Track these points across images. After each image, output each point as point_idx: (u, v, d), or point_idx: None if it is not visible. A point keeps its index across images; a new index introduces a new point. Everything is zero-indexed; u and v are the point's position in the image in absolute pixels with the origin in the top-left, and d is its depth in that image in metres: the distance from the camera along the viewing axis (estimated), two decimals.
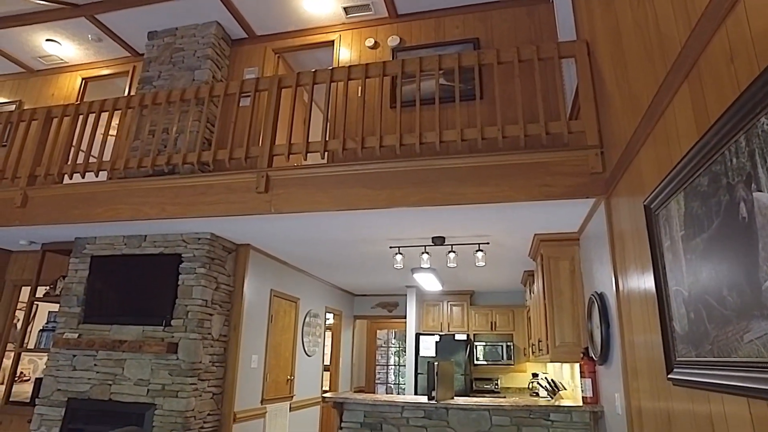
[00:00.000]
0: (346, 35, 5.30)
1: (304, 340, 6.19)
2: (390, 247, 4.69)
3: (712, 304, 1.51)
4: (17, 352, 5.00)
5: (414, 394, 6.94)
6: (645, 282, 2.28)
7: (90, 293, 4.55)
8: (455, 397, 4.18)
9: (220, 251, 4.52)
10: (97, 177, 4.42)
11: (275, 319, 5.37)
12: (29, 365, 6.43)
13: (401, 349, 10.28)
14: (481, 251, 4.43)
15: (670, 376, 1.89)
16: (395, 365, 10.30)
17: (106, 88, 6.21)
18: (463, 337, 7.18)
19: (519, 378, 7.43)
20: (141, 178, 4.15)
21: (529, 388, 7.02)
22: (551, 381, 5.20)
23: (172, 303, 4.26)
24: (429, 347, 7.19)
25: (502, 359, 7.24)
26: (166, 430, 3.94)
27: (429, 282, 6.07)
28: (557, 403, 3.94)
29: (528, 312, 6.44)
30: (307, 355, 6.29)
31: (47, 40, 5.71)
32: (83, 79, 6.19)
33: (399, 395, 5.34)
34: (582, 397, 3.75)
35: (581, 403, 3.74)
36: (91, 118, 4.45)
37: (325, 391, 6.92)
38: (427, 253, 4.51)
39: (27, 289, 5.38)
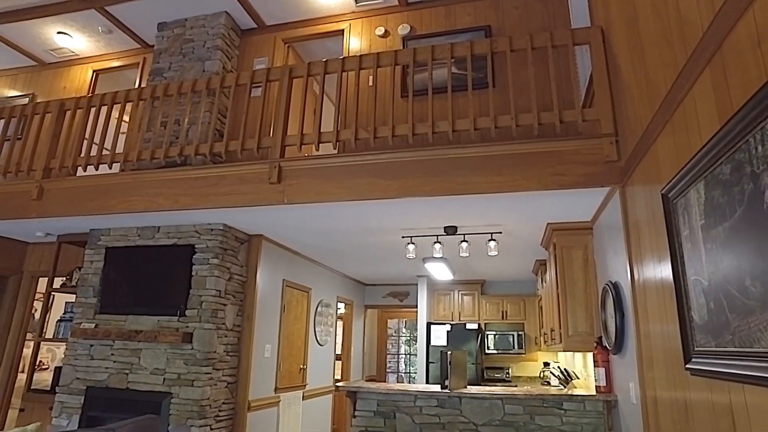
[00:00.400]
0: (356, 24, 5.26)
1: (316, 329, 6.23)
2: (402, 237, 4.69)
3: (733, 293, 1.49)
4: (36, 341, 5.09)
5: (425, 383, 6.98)
6: (662, 271, 2.27)
7: (105, 284, 4.61)
8: (468, 386, 4.20)
9: (232, 242, 4.55)
10: (111, 169, 4.45)
11: (288, 309, 5.41)
12: (47, 354, 6.55)
13: (412, 339, 10.32)
14: (494, 240, 4.42)
15: (688, 365, 1.88)
16: (406, 354, 10.35)
17: (116, 80, 6.23)
18: (475, 327, 7.19)
19: (530, 367, 7.44)
20: (154, 169, 4.17)
21: (541, 377, 7.03)
22: (564, 370, 5.20)
23: (186, 293, 4.30)
24: (440, 336, 7.21)
25: (513, 348, 7.24)
26: (182, 418, 4.00)
27: (440, 271, 6.07)
28: (570, 392, 3.94)
29: (539, 301, 6.42)
30: (319, 345, 6.34)
31: (58, 32, 5.73)
32: (94, 72, 6.22)
33: (412, 384, 5.37)
34: (595, 387, 3.75)
35: (594, 393, 3.74)
36: (104, 110, 4.47)
37: (337, 380, 6.99)
38: (440, 243, 4.51)
39: (44, 280, 5.47)
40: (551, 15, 4.68)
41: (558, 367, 5.58)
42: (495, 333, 7.34)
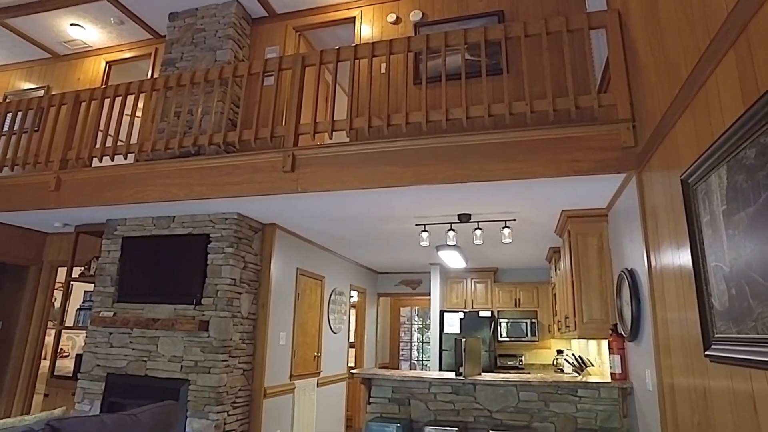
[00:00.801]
0: (367, 11, 5.21)
1: (329, 317, 6.28)
2: (415, 225, 4.69)
3: (757, 280, 1.47)
4: (58, 329, 5.20)
5: (439, 370, 7.01)
6: (680, 258, 2.24)
7: (122, 273, 4.68)
8: (482, 374, 4.21)
9: (246, 231, 4.59)
10: (126, 160, 4.50)
11: (302, 297, 5.45)
12: (68, 342, 6.69)
13: (424, 326, 10.36)
14: (508, 228, 4.40)
15: (707, 352, 1.87)
16: (418, 342, 10.40)
17: (129, 71, 6.26)
18: (488, 314, 7.20)
19: (543, 354, 7.44)
20: (168, 159, 4.20)
21: (554, 364, 7.03)
22: (578, 357, 5.19)
23: (201, 282, 4.35)
24: (453, 324, 7.23)
25: (526, 336, 7.24)
26: (200, 404, 4.08)
27: (453, 259, 6.07)
28: (585, 379, 3.94)
29: (553, 289, 6.40)
30: (333, 333, 6.39)
31: (71, 24, 5.76)
32: (107, 63, 6.26)
33: (426, 371, 5.40)
34: (610, 374, 3.74)
35: (609, 380, 3.73)
36: (118, 101, 4.50)
37: (351, 368, 7.05)
38: (453, 231, 4.50)
39: (63, 270, 5.57)
40: None
41: (572, 355, 5.57)
42: (508, 321, 7.33)
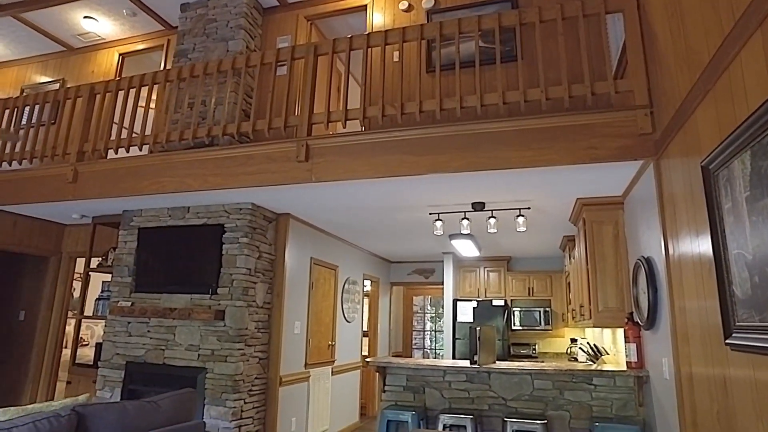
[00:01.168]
0: None
1: (343, 306, 6.32)
2: (429, 214, 4.68)
3: None
4: (78, 319, 5.30)
5: (452, 359, 7.04)
6: (700, 245, 2.21)
7: (139, 264, 4.74)
8: (496, 362, 4.22)
9: (261, 221, 4.61)
10: (141, 151, 4.53)
11: (316, 287, 5.49)
12: (87, 331, 6.82)
13: (436, 315, 10.39)
14: (522, 216, 4.37)
15: (728, 341, 1.85)
16: (431, 331, 10.44)
17: (142, 63, 6.29)
18: (501, 303, 7.19)
19: (557, 343, 7.42)
20: (183, 150, 4.23)
21: (568, 353, 7.02)
22: (593, 346, 5.17)
23: (217, 272, 4.40)
24: (466, 313, 7.23)
25: (539, 325, 7.23)
26: (217, 392, 4.14)
27: (466, 248, 6.06)
28: (600, 368, 3.93)
29: (567, 277, 6.37)
30: (347, 321, 6.44)
31: (85, 17, 5.79)
32: (120, 55, 6.29)
33: (441, 360, 5.43)
34: (626, 362, 3.72)
35: (625, 368, 3.72)
36: (132, 93, 4.53)
37: (365, 356, 7.10)
38: (467, 219, 4.48)
39: (81, 261, 5.67)
40: None
41: (587, 343, 5.55)
42: (521, 309, 7.32)
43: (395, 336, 8.85)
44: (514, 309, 7.35)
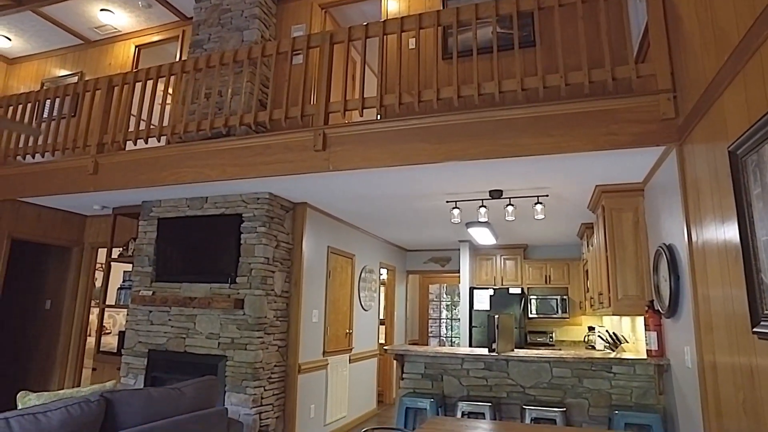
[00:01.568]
0: None
1: (360, 295, 6.36)
2: (446, 202, 4.66)
3: None
4: (101, 308, 5.42)
5: (469, 347, 7.05)
6: (726, 232, 2.17)
7: (159, 253, 4.81)
8: (515, 350, 4.22)
9: (278, 210, 4.64)
10: (159, 142, 4.58)
11: (333, 275, 5.52)
12: (109, 320, 6.97)
13: (452, 303, 10.40)
14: (540, 204, 4.34)
15: (755, 329, 1.82)
16: (447, 319, 10.46)
17: (158, 54, 6.33)
18: (518, 291, 7.17)
19: (574, 331, 7.39)
20: (200, 141, 4.26)
21: (585, 341, 6.98)
22: (613, 334, 5.14)
23: (235, 261, 4.45)
24: (483, 301, 7.23)
25: (556, 312, 7.19)
26: (238, 379, 4.21)
27: (483, 236, 6.04)
28: (620, 356, 3.90)
29: (585, 265, 6.32)
30: (364, 310, 6.48)
31: (101, 9, 5.84)
32: (136, 47, 6.34)
33: (459, 348, 5.44)
34: (646, 350, 3.70)
35: (645, 356, 3.69)
36: (149, 84, 4.56)
37: (382, 344, 7.15)
38: (485, 207, 4.46)
39: (103, 251, 5.77)
40: None
41: (606, 331, 5.52)
42: (537, 297, 7.29)
43: (411, 324, 8.88)
44: (530, 297, 7.32)
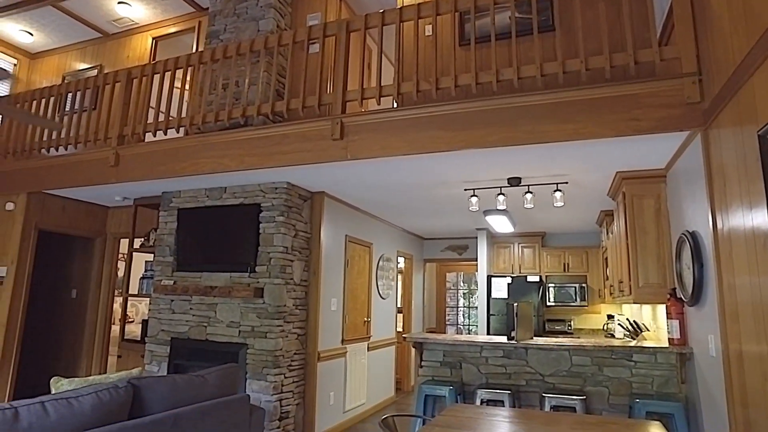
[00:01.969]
0: None
1: (378, 283, 6.38)
2: (464, 190, 4.64)
3: None
4: (124, 297, 5.54)
5: (487, 335, 7.05)
6: (754, 219, 2.12)
7: (179, 243, 4.88)
8: (534, 338, 4.21)
9: (296, 199, 4.67)
10: (178, 133, 4.62)
11: (351, 264, 5.55)
12: (131, 309, 7.13)
13: (469, 292, 10.39)
14: (559, 191, 4.29)
15: None
16: (464, 307, 10.46)
17: (174, 46, 6.37)
18: (536, 279, 7.13)
19: (592, 319, 7.34)
20: (218, 131, 4.29)
21: (604, 329, 6.93)
22: (633, 322, 5.09)
23: (255, 250, 4.49)
24: (500, 289, 7.21)
25: (575, 301, 7.14)
26: (258, 367, 4.27)
27: (501, 224, 6.00)
28: (641, 344, 3.87)
29: (604, 253, 6.24)
30: (382, 298, 6.51)
31: (119, 2, 5.88)
32: (153, 39, 6.39)
33: (477, 335, 5.45)
34: (668, 339, 3.65)
35: (667, 345, 3.65)
36: (168, 76, 4.60)
37: (400, 332, 7.19)
38: (503, 195, 4.43)
39: (125, 242, 5.88)
40: None
41: (627, 320, 5.46)
42: (556, 285, 7.24)
43: (429, 312, 8.91)
44: (548, 285, 7.28)
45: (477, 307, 7.83)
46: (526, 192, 4.38)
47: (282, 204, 4.48)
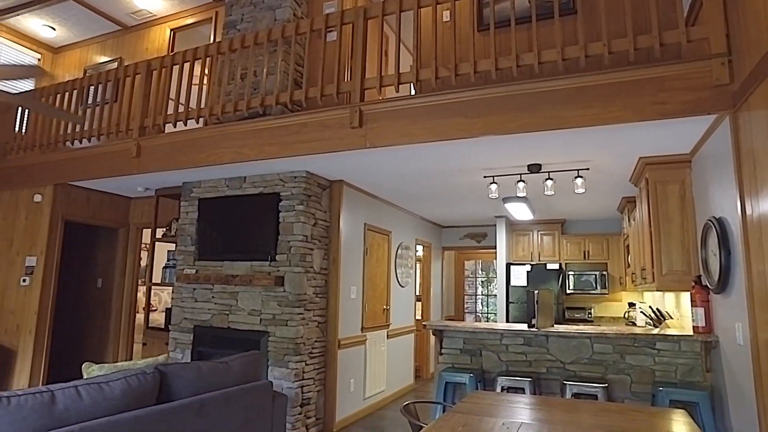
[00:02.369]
0: None
1: (397, 271, 6.40)
2: (484, 177, 4.60)
3: None
4: (147, 286, 5.65)
5: (506, 322, 7.03)
6: None
7: (200, 233, 4.94)
8: (555, 325, 4.18)
9: (315, 188, 4.69)
10: (198, 124, 4.66)
11: (370, 252, 5.57)
12: (155, 297, 7.27)
13: (488, 280, 10.35)
14: (581, 177, 4.23)
15: None
16: (482, 295, 10.44)
17: (192, 37, 6.39)
18: (556, 267, 7.06)
19: (613, 307, 7.26)
20: (237, 122, 4.31)
21: (625, 317, 6.85)
22: (656, 310, 5.02)
23: (275, 239, 4.53)
24: (519, 277, 7.16)
25: (595, 288, 7.07)
26: (280, 354, 4.33)
27: (520, 211, 5.95)
28: (664, 332, 3.81)
29: (626, 240, 6.15)
30: (401, 286, 6.53)
31: None
32: (171, 30, 6.42)
33: (497, 323, 5.44)
34: (693, 327, 3.60)
35: (691, 333, 3.59)
36: (186, 67, 4.63)
37: (418, 320, 7.21)
38: (523, 182, 4.38)
39: (147, 232, 5.99)
40: None
41: (650, 307, 5.39)
42: (575, 273, 7.17)
43: (447, 300, 8.91)
44: (568, 273, 7.21)
45: (495, 295, 7.79)
46: (546, 179, 4.33)
47: (301, 193, 4.50)
